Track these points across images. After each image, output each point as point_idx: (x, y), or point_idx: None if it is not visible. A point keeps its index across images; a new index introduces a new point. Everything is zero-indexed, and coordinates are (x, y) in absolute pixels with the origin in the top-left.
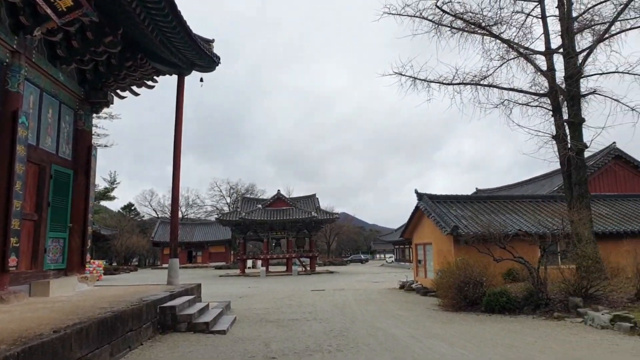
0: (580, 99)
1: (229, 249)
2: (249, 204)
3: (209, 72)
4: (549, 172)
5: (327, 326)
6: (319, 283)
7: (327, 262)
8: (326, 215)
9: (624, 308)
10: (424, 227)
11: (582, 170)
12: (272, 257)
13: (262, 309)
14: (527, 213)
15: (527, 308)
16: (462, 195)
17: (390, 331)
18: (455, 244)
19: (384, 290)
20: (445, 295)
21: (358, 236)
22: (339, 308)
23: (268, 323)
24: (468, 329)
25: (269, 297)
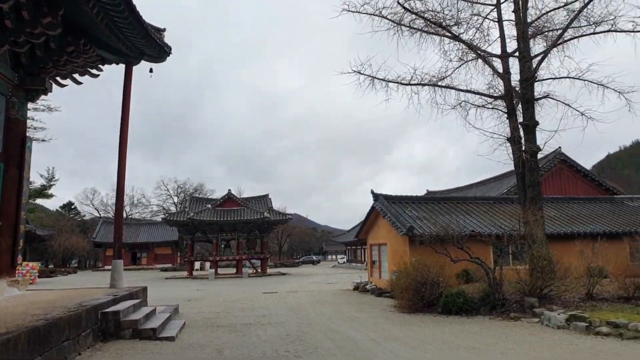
0: (534, 103)
1: (175, 251)
2: (197, 203)
3: (159, 63)
4: (498, 175)
5: (282, 330)
6: (271, 285)
7: (278, 264)
8: (279, 215)
9: (577, 308)
10: (379, 228)
11: (535, 172)
12: (221, 259)
13: (212, 313)
14: (480, 214)
15: (484, 309)
16: (417, 196)
17: (348, 334)
18: (410, 244)
19: (338, 292)
20: (401, 296)
21: (310, 237)
22: (294, 311)
23: (220, 328)
24: (427, 331)
25: (220, 300)
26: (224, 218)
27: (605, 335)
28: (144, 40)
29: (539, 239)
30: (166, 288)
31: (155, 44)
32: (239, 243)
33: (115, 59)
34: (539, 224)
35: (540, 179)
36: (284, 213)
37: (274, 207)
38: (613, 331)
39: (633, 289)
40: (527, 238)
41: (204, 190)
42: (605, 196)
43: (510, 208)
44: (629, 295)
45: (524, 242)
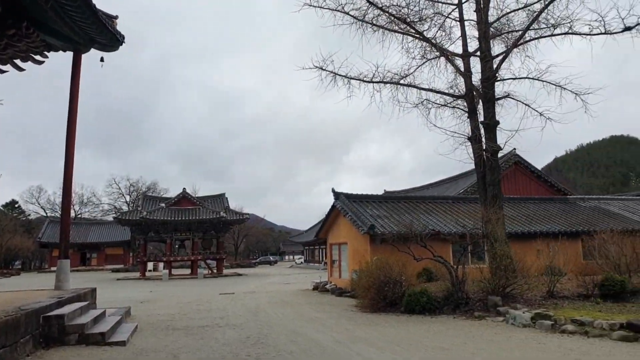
0: (495, 102)
1: (127, 251)
2: (150, 202)
3: (111, 52)
4: (454, 175)
5: (242, 332)
6: (227, 286)
7: (234, 265)
8: (236, 215)
9: (540, 306)
10: (340, 227)
11: (496, 171)
12: (175, 260)
13: (167, 315)
14: (440, 213)
15: (447, 308)
16: (378, 195)
17: (312, 336)
18: (371, 243)
19: (298, 292)
20: (364, 295)
21: (267, 237)
22: (253, 312)
23: (175, 331)
24: (393, 331)
25: (174, 302)
26: (178, 217)
27: (571, 333)
28: (94, 26)
29: (500, 237)
30: (117, 289)
31: (107, 30)
32: (194, 243)
33: (63, 46)
34: (501, 223)
35: None
36: (241, 213)
37: (230, 207)
38: (578, 329)
39: (592, 287)
40: (489, 237)
41: (157, 189)
42: (559, 197)
43: (469, 207)
44: (588, 292)
45: (486, 240)
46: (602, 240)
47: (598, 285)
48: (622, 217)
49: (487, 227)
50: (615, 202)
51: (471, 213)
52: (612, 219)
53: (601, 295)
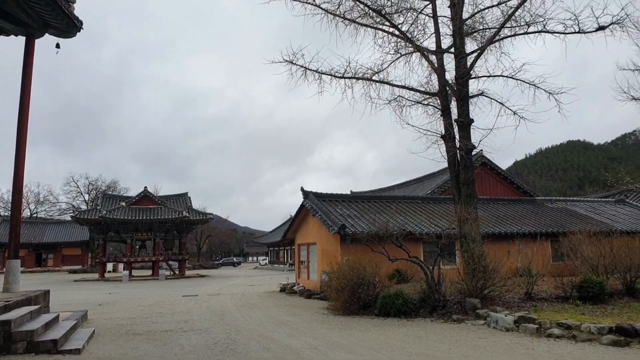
0: (469, 100)
1: (86, 251)
2: (110, 201)
3: (68, 38)
4: (421, 176)
5: (209, 338)
6: (190, 288)
7: (197, 266)
8: (199, 215)
9: (520, 308)
10: (309, 227)
11: (470, 170)
12: (136, 260)
13: (127, 319)
14: (410, 213)
15: (423, 310)
16: (347, 194)
17: (285, 342)
18: (341, 243)
19: (264, 294)
20: (336, 297)
21: (230, 238)
22: (219, 315)
23: (136, 336)
24: (370, 335)
25: (135, 305)
26: (139, 217)
27: (557, 337)
28: (49, 9)
29: (476, 238)
30: (74, 291)
31: (63, 14)
32: (155, 243)
33: (14, 29)
34: (476, 223)
35: None
36: (204, 212)
37: (193, 207)
38: (565, 333)
39: (570, 289)
40: (466, 237)
41: (117, 188)
42: (527, 198)
43: (440, 207)
44: (566, 294)
45: (460, 241)
46: (578, 240)
47: (576, 287)
48: (589, 219)
49: (462, 227)
50: (582, 204)
51: (442, 213)
52: (580, 220)
53: (580, 297)
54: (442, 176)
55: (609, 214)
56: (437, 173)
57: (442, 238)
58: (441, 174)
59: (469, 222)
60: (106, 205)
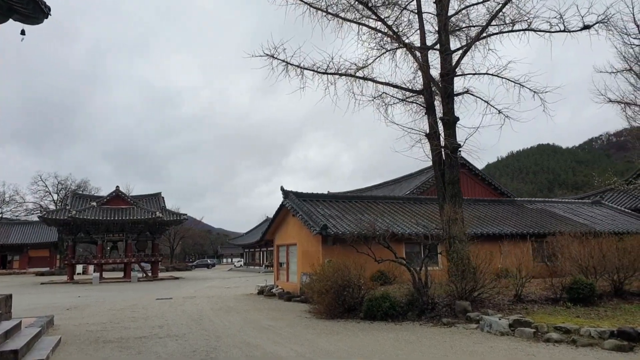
0: (454, 98)
1: (54, 253)
2: (80, 201)
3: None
4: (398, 177)
5: (186, 345)
6: (164, 290)
7: (170, 268)
8: (173, 215)
9: (511, 311)
10: (289, 227)
11: (455, 169)
12: (107, 262)
13: (98, 325)
14: (393, 213)
15: (411, 314)
16: (328, 194)
17: (270, 349)
18: (323, 244)
19: (242, 297)
20: (319, 301)
21: (204, 240)
22: (196, 320)
23: (107, 344)
24: (359, 341)
25: (106, 309)
26: (110, 217)
27: (556, 342)
28: None
29: (462, 238)
30: (40, 295)
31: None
32: (127, 245)
33: None
34: (462, 223)
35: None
36: (178, 213)
37: (166, 207)
38: (564, 337)
39: (560, 290)
40: (453, 238)
41: (88, 188)
42: (506, 199)
43: (422, 208)
44: (556, 296)
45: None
46: (566, 241)
47: (566, 289)
48: (568, 220)
49: (450, 227)
50: (560, 205)
51: (424, 213)
52: (560, 221)
53: (570, 299)
54: (420, 177)
55: (587, 215)
56: (415, 174)
57: (428, 239)
58: (419, 175)
59: (456, 223)
60: (76, 205)
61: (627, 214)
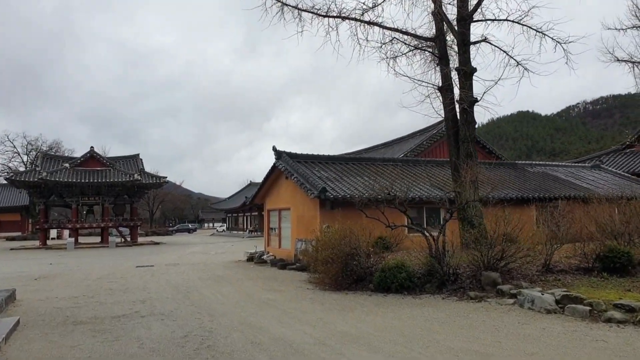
0: (470, 47)
1: (26, 217)
2: (52, 162)
3: None
4: (389, 140)
5: (175, 327)
6: (144, 257)
7: (150, 232)
8: (152, 178)
9: (545, 283)
10: (281, 191)
11: (471, 125)
12: (83, 227)
13: (68, 299)
14: (392, 176)
15: (430, 286)
16: (324, 155)
17: (278, 333)
18: (321, 208)
19: (230, 264)
20: (324, 270)
21: (185, 204)
22: (183, 292)
23: (77, 326)
24: (382, 321)
25: (80, 278)
26: (85, 179)
27: (620, 323)
28: None
29: (477, 202)
30: (8, 262)
31: None
32: (104, 209)
33: None
34: (476, 185)
35: (434, 145)
36: (157, 176)
37: (146, 170)
38: (629, 317)
39: (593, 259)
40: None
41: (61, 150)
42: (508, 162)
43: (421, 170)
44: (588, 265)
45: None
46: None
47: (600, 258)
48: (571, 184)
49: (468, 190)
50: (561, 169)
51: (426, 176)
52: (564, 185)
53: (603, 268)
54: (413, 140)
55: (588, 179)
56: (406, 137)
57: (446, 203)
58: (411, 138)
59: (473, 185)
60: (47, 167)
61: (627, 178)
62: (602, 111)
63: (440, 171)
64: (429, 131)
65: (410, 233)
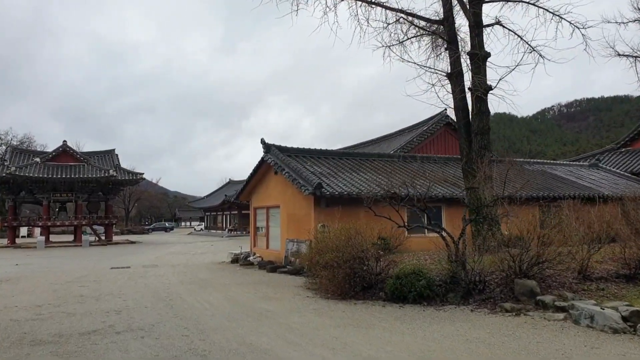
0: (483, 30)
1: None
2: (22, 156)
3: None
4: (376, 137)
5: (158, 348)
6: (120, 257)
7: (125, 231)
8: (128, 175)
9: (587, 292)
10: (269, 187)
11: (485, 115)
12: (54, 225)
13: (30, 309)
14: (390, 173)
15: (453, 295)
16: (316, 149)
17: (288, 358)
18: (315, 206)
19: (214, 266)
20: (329, 277)
21: (161, 202)
22: (164, 300)
23: (35, 348)
24: (414, 342)
25: (47, 282)
26: (57, 175)
27: None
28: None
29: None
30: None
31: None
32: (77, 206)
33: None
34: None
35: (426, 141)
36: (134, 172)
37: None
38: None
39: (635, 265)
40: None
41: (33, 145)
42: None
43: (417, 167)
44: (630, 272)
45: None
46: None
47: None
48: (572, 182)
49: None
50: (559, 168)
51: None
52: (565, 184)
53: None
54: (402, 137)
55: (589, 178)
56: (394, 134)
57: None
58: (399, 135)
59: (490, 181)
60: (16, 162)
61: (625, 177)
62: (577, 114)
63: (439, 168)
64: (419, 127)
65: (411, 234)
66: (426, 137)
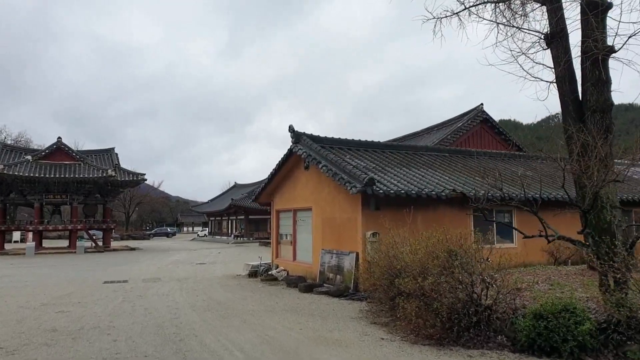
0: None
1: None
2: (12, 154)
3: None
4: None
5: None
6: (117, 267)
7: (125, 236)
8: (129, 175)
9: None
10: (298, 185)
11: (606, 87)
12: (47, 229)
13: None
14: (446, 169)
15: (632, 347)
16: (354, 140)
17: None
18: (363, 209)
19: (228, 280)
20: (421, 310)
21: (163, 207)
22: (172, 340)
23: None
24: None
25: (17, 304)
26: (50, 174)
27: None
28: None
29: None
30: None
31: None
32: (73, 208)
33: None
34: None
35: (462, 138)
36: (135, 172)
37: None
38: None
39: None
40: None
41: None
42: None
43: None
44: None
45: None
46: None
47: None
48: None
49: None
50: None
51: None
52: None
53: None
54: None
55: None
56: (421, 132)
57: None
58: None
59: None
60: (6, 159)
61: None
62: None
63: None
64: (453, 124)
65: (499, 244)
66: (461, 134)
